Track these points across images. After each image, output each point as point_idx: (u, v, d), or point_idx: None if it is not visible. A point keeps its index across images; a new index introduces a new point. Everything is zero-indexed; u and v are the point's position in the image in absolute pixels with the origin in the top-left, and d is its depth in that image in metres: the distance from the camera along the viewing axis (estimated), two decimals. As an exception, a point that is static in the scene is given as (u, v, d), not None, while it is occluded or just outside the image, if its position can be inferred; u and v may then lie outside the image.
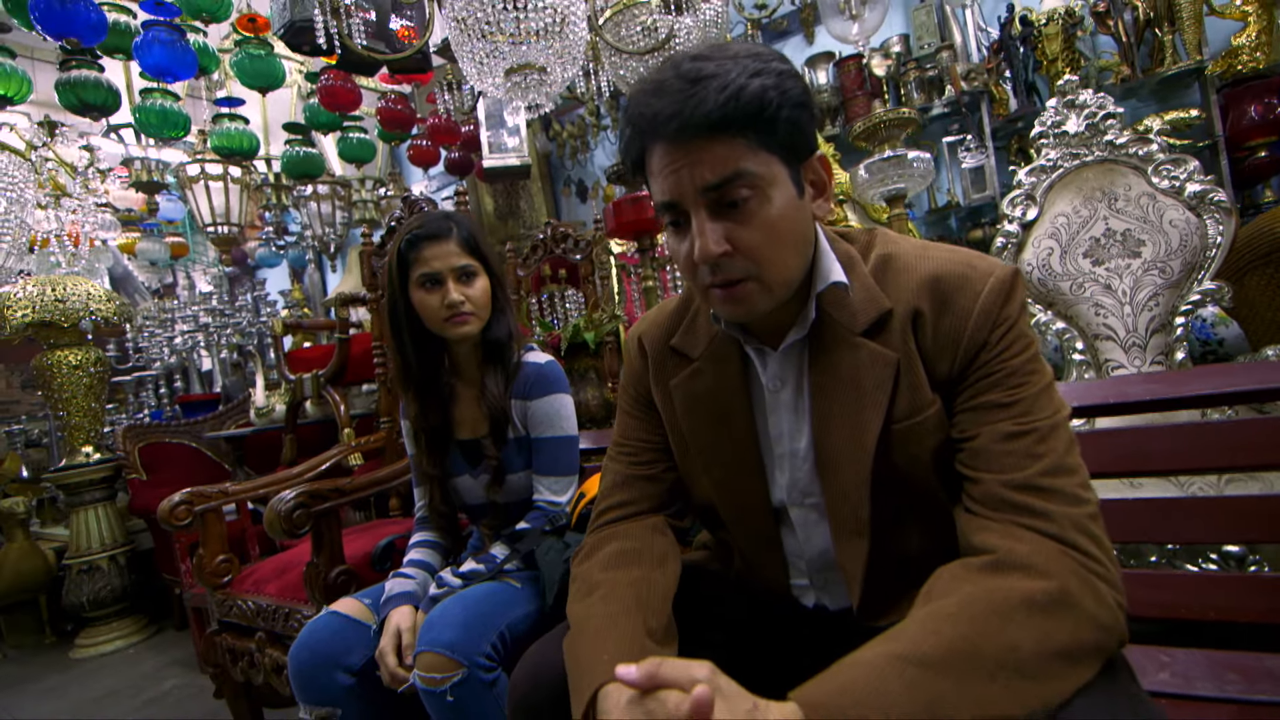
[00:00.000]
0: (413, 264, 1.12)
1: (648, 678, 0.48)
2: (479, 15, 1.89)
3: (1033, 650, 0.49)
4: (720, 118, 0.58)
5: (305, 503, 1.30)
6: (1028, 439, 0.59)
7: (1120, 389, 1.03)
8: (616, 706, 0.52)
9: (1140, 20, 2.59)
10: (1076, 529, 0.55)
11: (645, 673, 0.48)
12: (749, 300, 0.64)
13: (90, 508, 2.58)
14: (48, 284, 2.49)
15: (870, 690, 0.47)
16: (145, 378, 3.68)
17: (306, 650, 1.02)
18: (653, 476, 0.83)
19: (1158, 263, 1.51)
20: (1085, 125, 1.61)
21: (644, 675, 0.48)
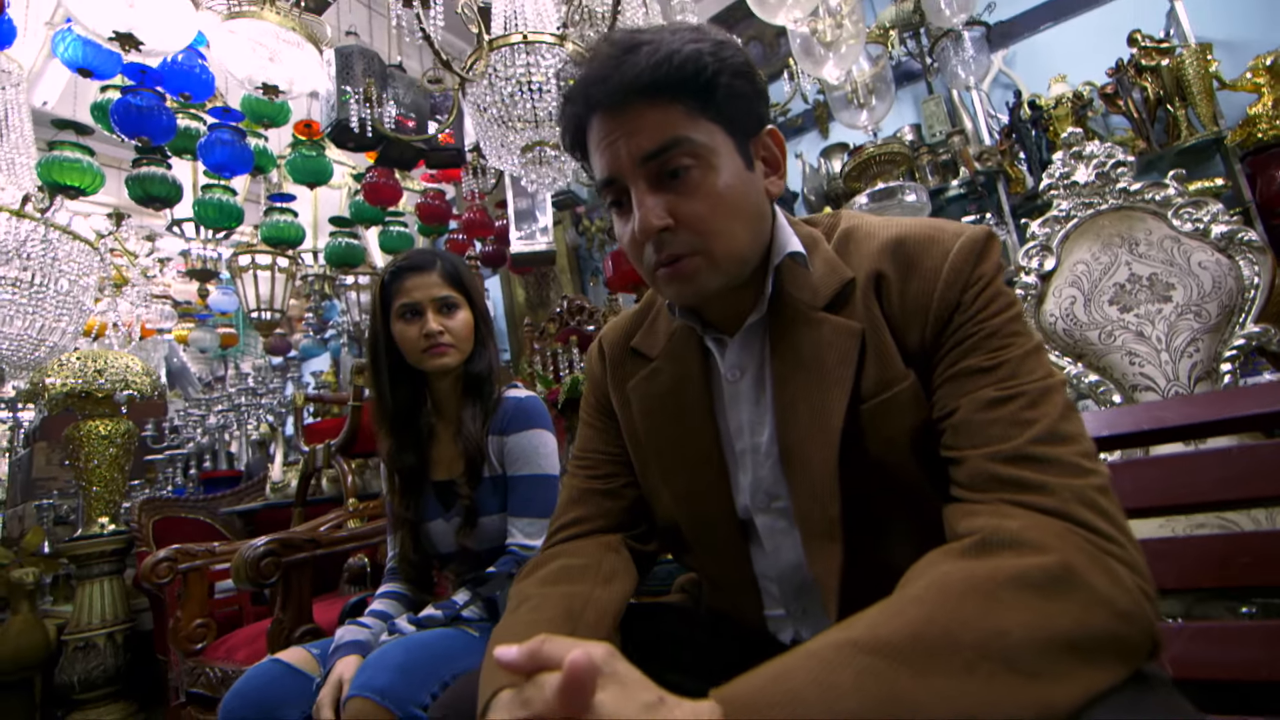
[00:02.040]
0: (394, 295, 1.12)
1: (529, 657, 0.39)
2: (495, 101, 2.03)
3: (1025, 637, 0.38)
4: (651, 81, 0.57)
5: (276, 550, 1.23)
6: (1014, 404, 0.50)
7: (1153, 414, 0.91)
8: (499, 705, 0.42)
9: (1150, 99, 2.62)
10: (1081, 502, 0.45)
11: (526, 651, 0.39)
12: (696, 277, 0.60)
13: (97, 581, 2.54)
14: (89, 357, 2.62)
15: (811, 683, 0.36)
16: (176, 456, 3.76)
17: (239, 699, 0.91)
18: (611, 491, 0.75)
19: (1191, 306, 1.41)
20: (1095, 175, 1.58)
21: (524, 654, 0.39)
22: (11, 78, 2.95)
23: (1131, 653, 0.41)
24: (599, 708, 0.36)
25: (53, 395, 2.45)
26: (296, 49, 2.59)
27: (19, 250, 2.74)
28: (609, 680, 0.37)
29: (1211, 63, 2.46)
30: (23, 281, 2.76)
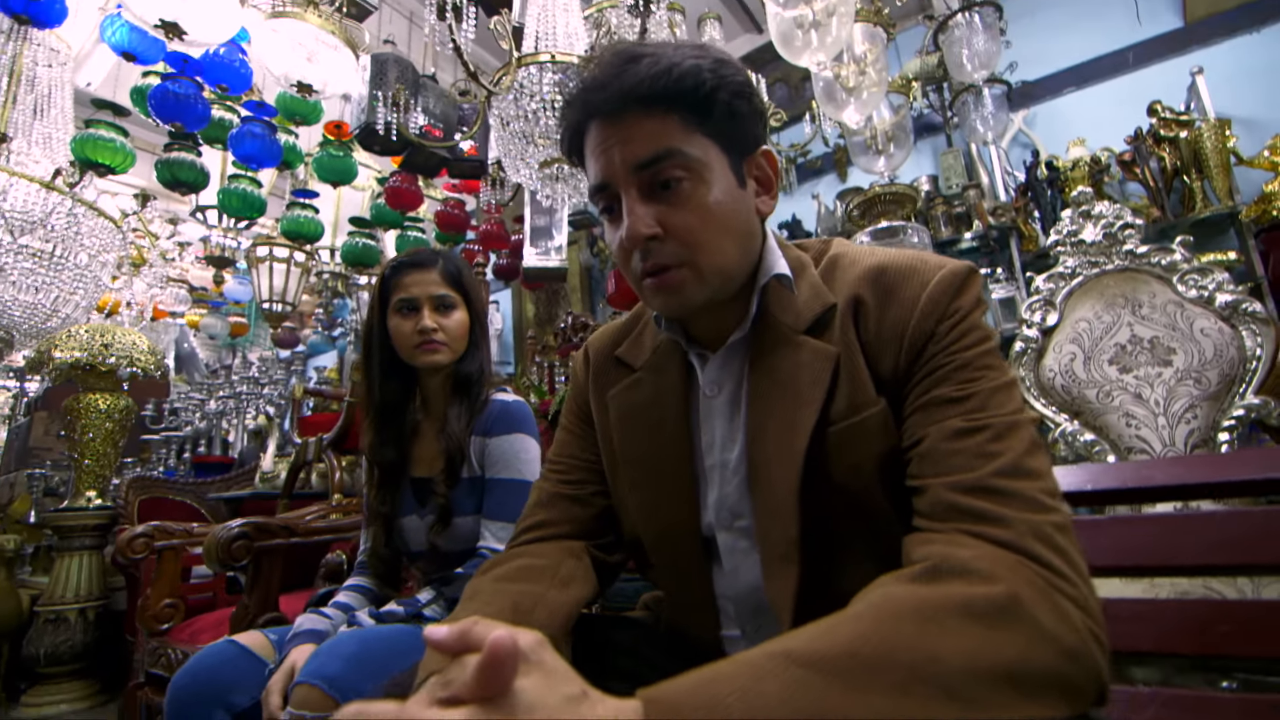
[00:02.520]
0: (393, 289, 1.13)
1: (457, 637, 0.38)
2: (519, 115, 2.08)
3: (963, 664, 0.37)
4: (649, 91, 0.58)
5: (249, 534, 1.23)
6: (980, 436, 0.50)
7: (1141, 472, 0.90)
8: (426, 687, 0.41)
9: (1167, 169, 2.63)
10: (1037, 537, 0.44)
11: (455, 631, 0.38)
12: (681, 289, 0.60)
13: (77, 554, 2.53)
14: (98, 331, 2.65)
15: (738, 690, 0.35)
16: (172, 438, 3.77)
17: (189, 677, 0.90)
18: (580, 498, 0.75)
19: (1191, 372, 1.40)
20: (1103, 234, 1.58)
21: (453, 634, 0.38)
22: (59, 56, 3.05)
23: (1075, 694, 0.39)
24: (518, 694, 0.34)
25: (57, 365, 2.48)
26: (334, 51, 2.67)
27: (44, 221, 2.80)
28: (534, 668, 0.36)
29: (1230, 138, 2.48)
30: (43, 253, 2.81)
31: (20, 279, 2.75)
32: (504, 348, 4.81)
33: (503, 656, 0.34)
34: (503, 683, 0.34)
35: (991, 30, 2.27)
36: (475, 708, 0.33)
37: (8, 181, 2.65)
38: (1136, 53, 2.89)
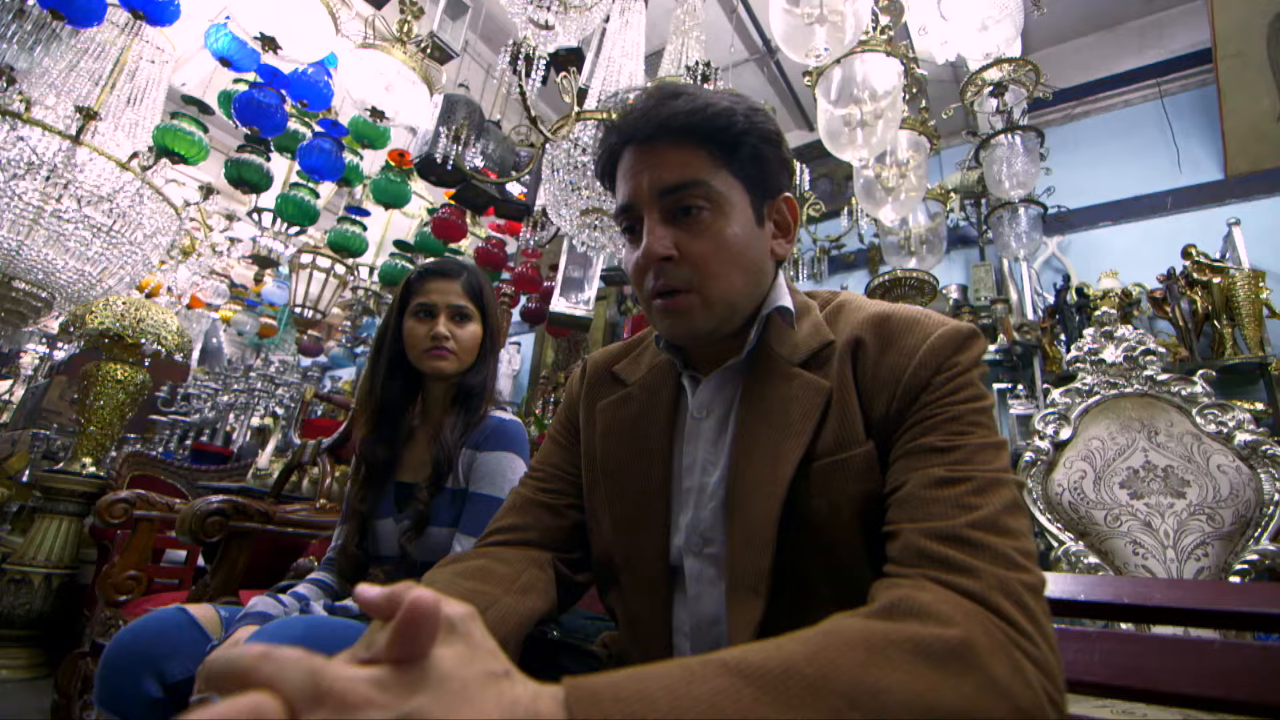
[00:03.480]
0: (414, 293, 1.17)
1: (387, 597, 0.36)
2: (569, 165, 2.18)
3: (902, 700, 0.35)
4: (683, 124, 0.62)
5: (225, 511, 1.22)
6: (960, 487, 0.49)
7: (1137, 589, 0.86)
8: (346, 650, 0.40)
9: (1199, 312, 2.64)
10: (1004, 593, 0.43)
11: (386, 592, 0.35)
12: (688, 314, 0.62)
13: (58, 518, 2.52)
14: (134, 304, 2.74)
15: (666, 689, 0.34)
16: (179, 422, 3.80)
17: (130, 635, 0.87)
18: (554, 507, 0.74)
19: (1205, 508, 1.35)
20: (1124, 357, 1.57)
21: (383, 594, 0.34)
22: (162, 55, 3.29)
23: None
24: (436, 661, 0.32)
25: (88, 330, 2.55)
26: (411, 86, 2.85)
27: (110, 197, 2.96)
28: (458, 639, 0.34)
29: (1263, 290, 2.48)
30: (103, 226, 2.95)
31: (75, 246, 2.88)
32: (518, 388, 4.83)
33: (419, 617, 0.31)
34: (419, 646, 0.32)
35: (1032, 154, 2.35)
36: (386, 669, 0.31)
37: (88, 156, 2.83)
38: (1176, 197, 2.95)
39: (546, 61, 2.19)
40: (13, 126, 2.69)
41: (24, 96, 2.79)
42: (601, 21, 2.40)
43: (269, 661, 0.28)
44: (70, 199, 2.82)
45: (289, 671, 0.28)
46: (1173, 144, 2.99)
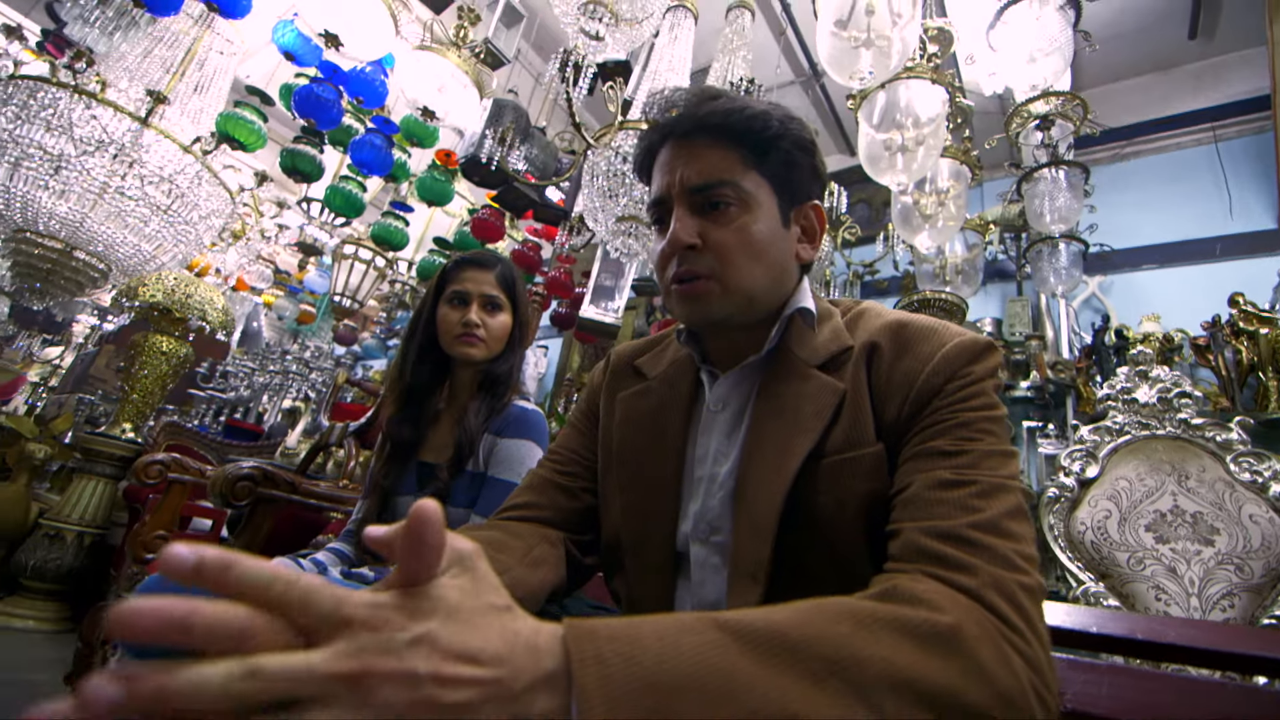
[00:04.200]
0: (450, 281, 1.21)
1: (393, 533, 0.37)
2: (609, 172, 2.22)
3: (884, 673, 0.36)
4: (720, 123, 0.64)
5: (255, 477, 1.26)
6: (964, 489, 0.50)
7: (1151, 626, 0.84)
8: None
9: (1243, 362, 2.55)
10: (999, 592, 0.43)
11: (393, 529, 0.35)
12: (706, 299, 0.64)
13: (95, 479, 2.63)
14: (185, 280, 2.86)
15: (657, 635, 0.35)
16: (216, 399, 3.93)
17: (155, 583, 0.91)
18: (569, 489, 0.76)
19: (1234, 558, 1.31)
20: (1158, 398, 1.54)
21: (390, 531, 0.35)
22: (231, 47, 3.45)
23: None
24: (446, 590, 0.33)
25: (141, 301, 2.67)
26: (462, 89, 2.94)
27: (171, 177, 3.10)
28: (465, 573, 0.35)
29: (1313, 344, 2.40)
30: (162, 205, 3.09)
31: (135, 223, 3.02)
32: (542, 390, 4.88)
33: (422, 527, 0.33)
34: (425, 565, 0.33)
35: (1076, 189, 2.32)
36: (400, 596, 0.32)
37: (154, 138, 2.97)
38: (1225, 244, 2.88)
39: (594, 73, 2.25)
40: (87, 105, 2.83)
41: (100, 78, 2.94)
42: (650, 36, 2.45)
43: (295, 588, 0.31)
44: (134, 177, 2.96)
45: (315, 597, 0.30)
46: (1225, 190, 2.93)
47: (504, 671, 0.32)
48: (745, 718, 0.32)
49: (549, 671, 0.33)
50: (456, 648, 0.31)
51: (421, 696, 0.29)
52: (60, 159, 2.71)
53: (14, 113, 2.75)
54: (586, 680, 0.32)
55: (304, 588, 0.30)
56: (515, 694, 0.32)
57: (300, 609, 0.30)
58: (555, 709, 0.32)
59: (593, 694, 0.31)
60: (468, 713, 0.30)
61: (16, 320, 5.10)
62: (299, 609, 0.30)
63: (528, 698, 0.32)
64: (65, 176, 2.75)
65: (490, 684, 0.31)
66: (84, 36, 3.08)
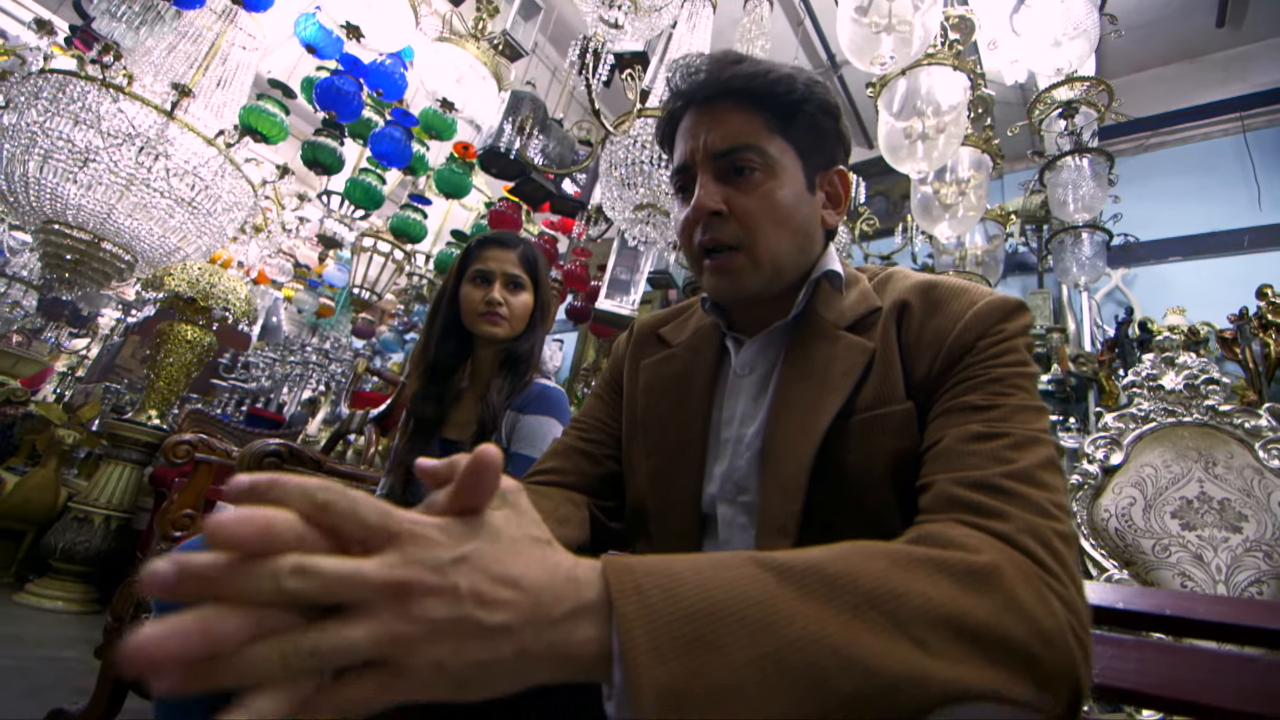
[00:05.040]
0: (473, 260, 1.22)
1: (448, 464, 0.37)
2: (627, 161, 2.23)
3: (923, 607, 0.36)
4: (744, 86, 0.64)
5: (281, 454, 1.29)
6: (997, 442, 0.50)
7: (1180, 602, 0.83)
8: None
9: (1271, 355, 2.50)
10: (1034, 537, 0.43)
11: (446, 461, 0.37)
12: (736, 273, 0.64)
13: (122, 464, 2.68)
14: (209, 271, 2.91)
15: (693, 569, 0.35)
16: (238, 388, 3.99)
17: (193, 549, 0.94)
18: (594, 456, 0.76)
19: (1263, 545, 1.29)
20: (1184, 384, 1.52)
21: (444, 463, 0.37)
22: (253, 42, 3.50)
23: (1042, 680, 0.37)
24: (490, 518, 0.34)
25: (167, 290, 2.72)
26: (481, 80, 2.96)
27: (196, 170, 3.15)
28: (508, 506, 0.36)
29: (1344, 336, 2.35)
30: (187, 198, 3.15)
31: (160, 215, 3.08)
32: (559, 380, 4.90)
33: (487, 461, 0.34)
34: (480, 494, 0.34)
35: (1100, 178, 2.29)
36: (447, 518, 0.34)
37: (179, 131, 3.02)
38: (1253, 236, 2.83)
39: (611, 64, 2.25)
40: (115, 99, 2.89)
41: (127, 72, 2.99)
42: (668, 26, 2.45)
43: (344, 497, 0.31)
44: (160, 170, 3.01)
45: (363, 507, 0.31)
46: (1254, 180, 2.87)
47: (543, 598, 0.32)
48: (784, 648, 0.32)
49: (588, 601, 0.33)
50: (497, 571, 0.32)
51: (461, 614, 0.30)
52: (88, 152, 2.76)
53: (44, 106, 2.80)
54: (627, 610, 0.32)
55: (353, 497, 0.31)
56: (554, 620, 0.32)
57: (348, 517, 0.30)
58: (595, 638, 0.32)
59: (634, 623, 0.32)
60: (506, 636, 0.31)
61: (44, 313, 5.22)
62: (347, 516, 0.30)
63: (566, 625, 0.32)
64: (93, 169, 2.80)
65: (529, 609, 0.31)
66: (111, 31, 3.13)
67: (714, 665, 0.31)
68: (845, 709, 0.31)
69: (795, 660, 0.32)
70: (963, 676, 0.34)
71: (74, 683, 1.90)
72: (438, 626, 0.29)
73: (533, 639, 0.31)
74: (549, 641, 0.32)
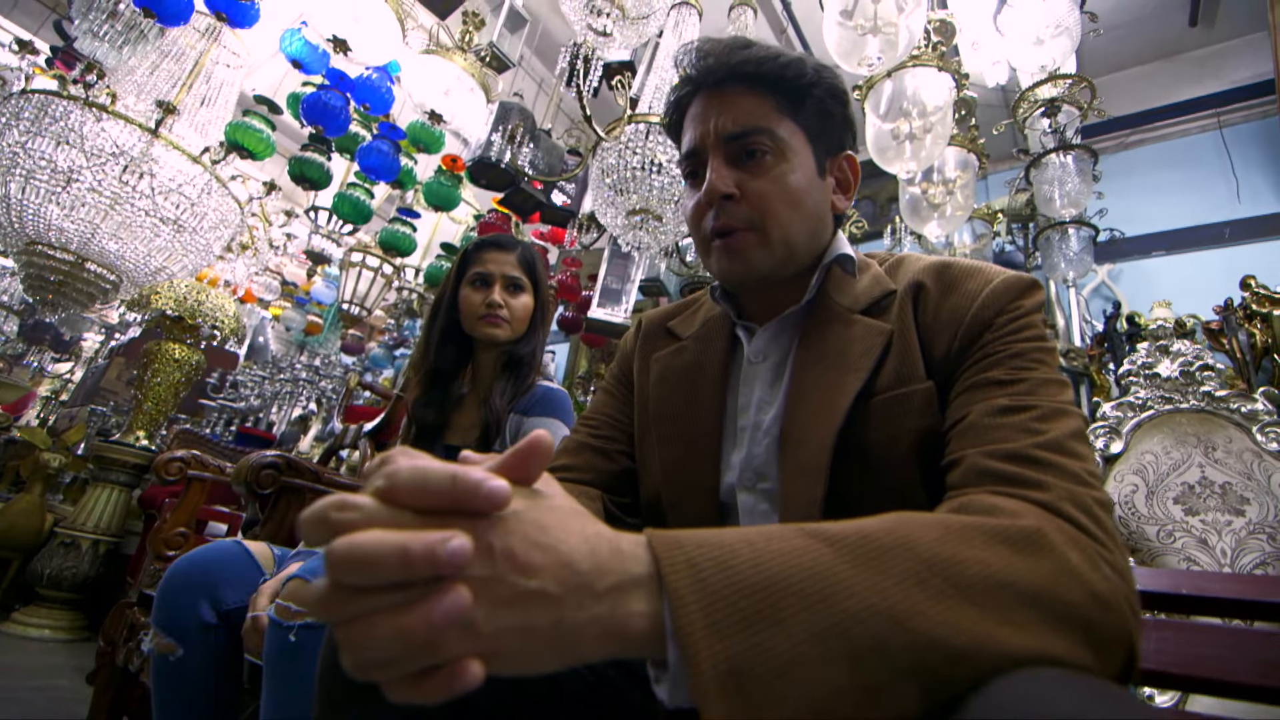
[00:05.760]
0: (472, 263, 1.21)
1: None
2: (618, 167, 2.23)
3: (983, 574, 0.35)
4: (754, 71, 0.64)
5: (279, 465, 1.26)
6: (1025, 414, 0.49)
7: (1195, 581, 0.83)
8: None
9: (1258, 346, 2.54)
10: (1075, 504, 0.42)
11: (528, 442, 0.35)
12: (747, 253, 0.64)
13: (109, 487, 2.63)
14: (196, 289, 2.87)
15: (744, 540, 0.34)
16: (227, 408, 3.94)
17: (189, 563, 0.91)
18: (606, 451, 0.75)
19: (1266, 527, 1.30)
20: (1180, 372, 1.54)
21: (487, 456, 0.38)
22: (237, 60, 3.49)
23: (1101, 647, 0.36)
24: (529, 491, 0.34)
25: (153, 309, 2.68)
26: (469, 92, 2.97)
27: (180, 188, 3.12)
28: (546, 485, 0.36)
29: (1328, 324, 2.38)
30: (171, 217, 3.11)
31: (145, 234, 3.04)
32: (550, 396, 4.88)
33: (543, 440, 0.34)
34: (531, 468, 0.34)
35: (1085, 174, 2.33)
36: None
37: (164, 149, 2.99)
38: (1234, 229, 2.88)
39: (600, 75, 2.26)
40: (98, 118, 2.86)
41: (110, 91, 2.97)
42: (655, 35, 2.47)
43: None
44: (145, 188, 2.98)
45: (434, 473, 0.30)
46: (1232, 175, 2.93)
47: (584, 567, 0.31)
48: (846, 620, 0.31)
49: (636, 575, 0.32)
50: (534, 535, 0.31)
51: (496, 574, 0.29)
52: (71, 172, 2.73)
53: (26, 126, 2.77)
54: (680, 584, 0.31)
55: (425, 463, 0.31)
56: (597, 593, 0.31)
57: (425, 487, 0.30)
58: (644, 613, 0.31)
59: (688, 598, 0.31)
60: (543, 604, 0.30)
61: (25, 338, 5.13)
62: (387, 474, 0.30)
63: (611, 599, 0.31)
64: (76, 189, 2.77)
65: (568, 578, 0.30)
66: (93, 51, 3.11)
67: (774, 640, 0.30)
68: (909, 679, 0.31)
69: (858, 632, 0.31)
70: (1027, 643, 0.33)
71: (67, 711, 1.84)
72: (473, 587, 0.28)
73: (573, 610, 0.30)
74: (593, 614, 0.31)
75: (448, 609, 0.28)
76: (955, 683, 0.31)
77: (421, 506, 0.30)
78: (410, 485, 0.30)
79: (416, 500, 0.30)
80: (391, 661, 0.28)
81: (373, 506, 0.30)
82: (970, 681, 0.31)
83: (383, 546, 0.27)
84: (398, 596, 0.28)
